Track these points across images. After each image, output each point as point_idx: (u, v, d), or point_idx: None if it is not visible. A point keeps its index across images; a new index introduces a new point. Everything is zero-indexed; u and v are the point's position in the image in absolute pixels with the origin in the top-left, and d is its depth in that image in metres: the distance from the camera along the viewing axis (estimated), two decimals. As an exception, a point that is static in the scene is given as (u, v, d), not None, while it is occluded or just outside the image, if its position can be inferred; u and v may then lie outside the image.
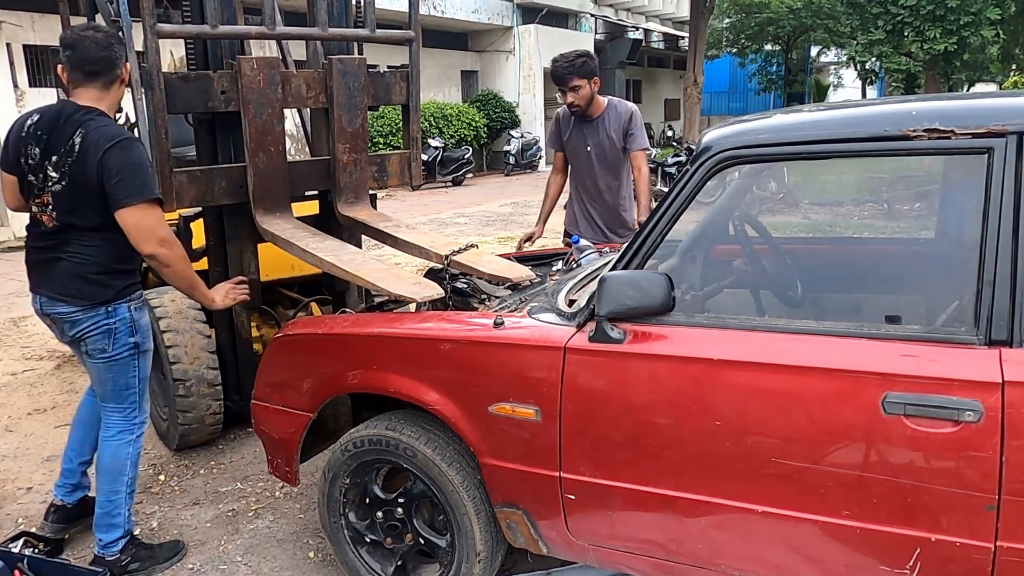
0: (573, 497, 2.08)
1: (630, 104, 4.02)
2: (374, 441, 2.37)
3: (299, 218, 3.42)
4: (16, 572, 2.54)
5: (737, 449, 1.84)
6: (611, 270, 2.01)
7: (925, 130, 1.73)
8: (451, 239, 3.19)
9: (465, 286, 2.77)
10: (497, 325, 2.16)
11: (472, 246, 2.94)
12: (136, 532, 3.06)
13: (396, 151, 3.73)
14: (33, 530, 2.94)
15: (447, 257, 2.85)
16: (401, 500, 2.42)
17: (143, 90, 2.95)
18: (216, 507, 3.26)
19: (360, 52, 3.68)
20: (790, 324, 1.94)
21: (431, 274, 3.02)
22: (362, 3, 3.47)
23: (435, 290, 2.58)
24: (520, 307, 2.38)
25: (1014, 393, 1.59)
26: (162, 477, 3.55)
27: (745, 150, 1.93)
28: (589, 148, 3.95)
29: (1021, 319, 1.63)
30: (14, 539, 2.81)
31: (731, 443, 1.85)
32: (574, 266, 2.86)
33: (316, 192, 3.78)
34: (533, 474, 2.11)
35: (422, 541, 2.42)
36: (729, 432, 1.85)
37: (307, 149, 4.59)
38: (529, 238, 4.14)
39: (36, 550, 2.76)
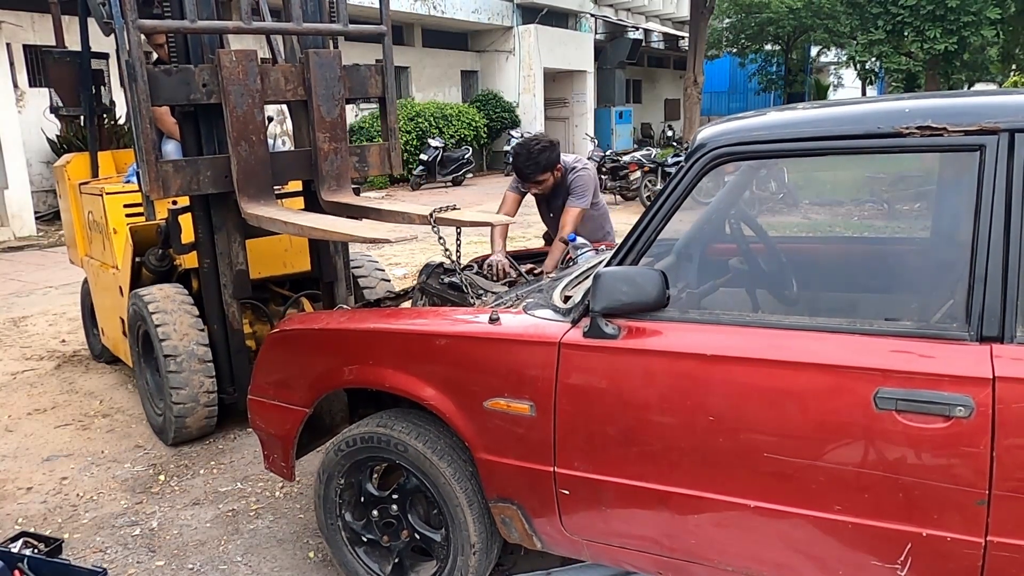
0: (567, 492, 2.08)
1: (577, 164, 3.83)
2: (366, 439, 2.38)
3: None
4: (16, 572, 2.54)
5: (730, 444, 1.85)
6: (606, 266, 2.01)
7: (917, 127, 1.73)
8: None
9: (461, 282, 2.79)
10: (492, 321, 2.17)
11: (453, 207, 2.97)
12: (136, 532, 3.08)
13: (375, 143, 3.81)
14: (33, 530, 2.94)
15: (431, 215, 2.89)
16: (395, 497, 2.43)
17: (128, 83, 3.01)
18: (216, 507, 3.27)
19: (335, 47, 3.75)
20: (783, 320, 1.94)
21: (427, 270, 3.03)
22: (334, 0, 3.55)
23: (409, 233, 2.68)
24: (515, 303, 2.39)
25: (1005, 389, 1.60)
26: (162, 477, 3.56)
27: (739, 147, 1.94)
28: (552, 215, 3.93)
29: (1012, 315, 1.64)
30: (14, 539, 2.81)
31: (724, 438, 1.85)
32: (570, 263, 2.87)
33: (300, 190, 3.90)
34: (527, 469, 2.12)
35: (418, 537, 2.43)
36: (722, 427, 1.85)
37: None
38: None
39: (36, 550, 2.76)
